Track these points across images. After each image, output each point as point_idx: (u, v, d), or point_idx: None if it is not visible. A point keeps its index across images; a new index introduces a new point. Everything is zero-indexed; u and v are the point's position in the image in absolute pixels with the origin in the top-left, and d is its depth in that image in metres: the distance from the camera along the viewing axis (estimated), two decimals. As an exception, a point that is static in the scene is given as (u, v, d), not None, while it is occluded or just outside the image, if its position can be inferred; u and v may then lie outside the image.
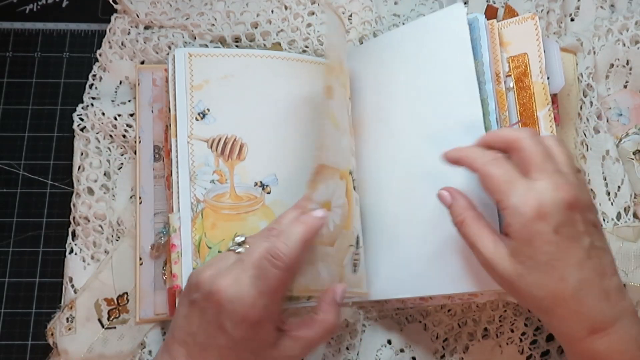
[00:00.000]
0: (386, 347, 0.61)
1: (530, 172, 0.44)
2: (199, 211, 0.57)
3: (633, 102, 0.64)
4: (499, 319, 0.60)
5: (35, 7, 0.72)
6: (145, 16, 0.67)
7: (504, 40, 0.59)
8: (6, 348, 0.62)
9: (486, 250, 0.45)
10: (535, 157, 0.44)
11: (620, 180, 0.60)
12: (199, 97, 0.59)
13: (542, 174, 0.43)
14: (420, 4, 0.69)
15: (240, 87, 0.61)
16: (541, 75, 0.57)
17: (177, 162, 0.58)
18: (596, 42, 0.64)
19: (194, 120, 0.59)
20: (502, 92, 0.57)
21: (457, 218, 0.47)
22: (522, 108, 0.58)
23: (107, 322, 0.60)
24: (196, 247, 0.56)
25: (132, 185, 0.64)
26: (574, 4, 0.67)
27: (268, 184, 0.59)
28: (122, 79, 0.67)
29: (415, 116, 0.58)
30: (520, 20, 0.59)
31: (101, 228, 0.62)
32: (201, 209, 0.57)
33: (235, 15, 0.67)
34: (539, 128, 0.57)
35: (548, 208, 0.42)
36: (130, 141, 0.64)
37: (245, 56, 0.62)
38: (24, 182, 0.66)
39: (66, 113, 0.67)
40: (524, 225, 0.42)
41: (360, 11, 0.67)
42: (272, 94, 0.61)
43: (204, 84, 0.60)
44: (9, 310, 0.63)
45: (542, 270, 0.42)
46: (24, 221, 0.65)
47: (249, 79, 0.61)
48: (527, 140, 0.45)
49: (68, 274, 0.61)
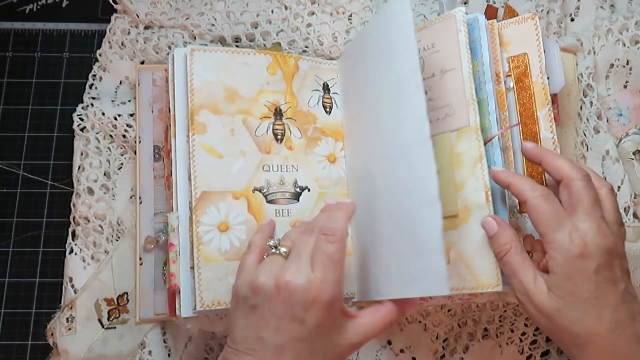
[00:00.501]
0: (386, 348, 0.61)
1: (577, 212, 0.47)
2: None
3: (633, 102, 0.64)
4: (499, 319, 0.60)
5: (35, 7, 0.72)
6: (145, 16, 0.67)
7: (504, 40, 0.59)
8: (6, 348, 0.62)
9: (527, 281, 0.47)
10: (585, 202, 0.47)
11: (620, 180, 0.60)
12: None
13: (589, 217, 0.46)
14: (420, 3, 0.69)
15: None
16: (541, 75, 0.57)
17: (176, 161, 0.58)
18: (596, 42, 0.64)
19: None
20: (502, 92, 0.57)
21: (501, 247, 0.49)
22: (522, 108, 0.58)
23: (107, 322, 0.60)
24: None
25: (132, 185, 0.64)
26: (574, 4, 0.67)
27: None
28: (122, 79, 0.67)
29: (374, 126, 0.58)
30: (521, 20, 0.59)
31: (101, 228, 0.62)
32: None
33: (235, 15, 0.67)
34: (538, 128, 0.57)
35: (592, 249, 0.45)
36: (130, 141, 0.64)
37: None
38: (24, 182, 0.66)
39: (66, 113, 0.67)
40: (568, 260, 0.45)
41: (360, 11, 0.67)
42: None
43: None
44: (9, 310, 0.63)
45: (580, 306, 0.45)
46: (24, 221, 0.65)
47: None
48: (580, 184, 0.47)
49: (68, 274, 0.61)
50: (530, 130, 0.57)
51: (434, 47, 0.58)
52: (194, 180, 0.57)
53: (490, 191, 0.53)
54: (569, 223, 0.46)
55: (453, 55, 0.57)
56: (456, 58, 0.56)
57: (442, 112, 0.57)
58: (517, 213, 0.55)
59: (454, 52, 0.57)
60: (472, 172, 0.54)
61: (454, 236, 0.55)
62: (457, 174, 0.55)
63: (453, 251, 0.55)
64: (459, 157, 0.55)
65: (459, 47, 0.56)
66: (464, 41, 0.56)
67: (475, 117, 0.55)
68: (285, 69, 0.62)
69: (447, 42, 0.57)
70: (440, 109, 0.57)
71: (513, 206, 0.55)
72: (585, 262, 0.45)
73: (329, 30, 0.67)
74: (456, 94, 0.56)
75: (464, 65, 0.56)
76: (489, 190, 0.53)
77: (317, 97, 0.63)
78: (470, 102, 0.55)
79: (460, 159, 0.55)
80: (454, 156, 0.55)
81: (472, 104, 0.55)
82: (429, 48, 0.59)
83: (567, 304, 0.45)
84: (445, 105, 0.57)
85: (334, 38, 0.67)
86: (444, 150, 0.56)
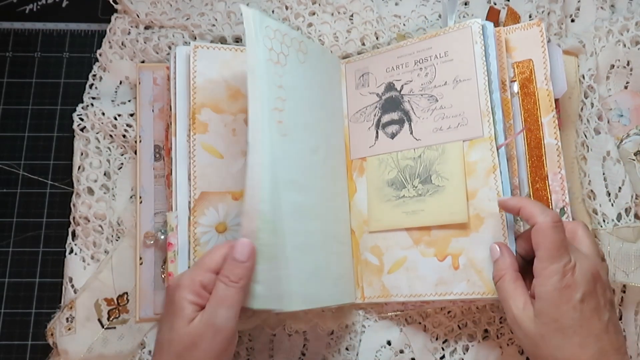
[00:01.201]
0: (386, 348, 0.61)
1: (557, 251, 0.48)
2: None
3: (634, 103, 0.64)
4: (499, 320, 0.60)
5: (35, 7, 0.72)
6: (146, 16, 0.67)
7: (509, 46, 0.59)
8: (6, 348, 0.62)
9: (516, 309, 0.48)
10: (562, 242, 0.48)
11: (621, 181, 0.60)
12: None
13: (575, 253, 0.48)
14: (421, 4, 0.69)
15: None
16: (546, 82, 0.58)
17: (176, 161, 0.58)
18: (597, 43, 0.64)
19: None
20: (507, 100, 0.57)
21: (498, 272, 0.51)
22: (527, 114, 0.58)
23: (107, 322, 0.60)
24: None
25: (132, 185, 0.64)
26: (574, 5, 0.67)
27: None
28: (122, 78, 0.67)
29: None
30: (526, 26, 0.59)
31: (101, 228, 0.62)
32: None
33: (236, 16, 0.67)
34: (543, 134, 0.57)
35: (579, 278, 0.46)
36: (130, 141, 0.64)
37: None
38: (24, 182, 0.66)
39: (66, 113, 0.67)
40: (556, 289, 0.46)
41: (362, 11, 0.67)
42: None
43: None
44: (9, 310, 0.63)
45: (564, 334, 0.46)
46: (24, 221, 0.65)
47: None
48: (549, 225, 0.48)
49: (68, 274, 0.61)
50: (534, 137, 0.57)
51: (447, 55, 0.59)
52: (193, 180, 0.57)
53: None
54: (567, 257, 0.47)
55: (468, 66, 0.57)
56: (471, 69, 0.57)
57: (454, 121, 0.57)
58: (520, 220, 0.56)
59: (469, 62, 0.57)
60: (485, 181, 0.55)
61: (464, 243, 0.55)
62: (469, 182, 0.55)
63: (463, 257, 0.55)
64: (471, 166, 0.56)
65: (474, 59, 0.57)
66: (479, 53, 0.57)
67: (490, 128, 0.55)
68: None
69: (462, 52, 0.58)
70: (453, 118, 0.58)
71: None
72: (571, 291, 0.46)
73: (330, 30, 0.67)
74: (470, 105, 0.57)
75: (479, 76, 0.56)
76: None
77: None
78: (485, 113, 0.56)
79: (473, 168, 0.56)
80: (465, 165, 0.56)
81: (487, 116, 0.56)
82: (441, 56, 0.59)
83: (551, 331, 0.46)
84: (458, 114, 0.57)
85: (335, 38, 0.67)
86: (453, 158, 0.56)
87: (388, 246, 0.59)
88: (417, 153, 0.59)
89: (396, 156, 0.60)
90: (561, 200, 0.56)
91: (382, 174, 0.60)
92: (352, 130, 0.63)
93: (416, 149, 0.59)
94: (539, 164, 0.57)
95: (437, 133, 0.58)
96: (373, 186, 0.61)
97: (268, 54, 0.54)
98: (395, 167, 0.60)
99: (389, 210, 0.59)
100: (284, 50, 0.56)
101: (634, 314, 0.59)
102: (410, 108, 0.60)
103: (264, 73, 0.53)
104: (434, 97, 0.59)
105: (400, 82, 0.61)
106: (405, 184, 0.59)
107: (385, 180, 0.60)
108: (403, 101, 0.61)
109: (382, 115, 0.62)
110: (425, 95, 0.60)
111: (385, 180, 0.60)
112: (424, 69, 0.60)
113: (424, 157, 0.58)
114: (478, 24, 0.57)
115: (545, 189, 0.56)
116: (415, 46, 0.61)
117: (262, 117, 0.52)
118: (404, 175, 0.59)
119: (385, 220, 0.59)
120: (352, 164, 0.63)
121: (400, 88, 0.61)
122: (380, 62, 0.63)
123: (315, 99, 0.60)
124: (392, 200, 0.59)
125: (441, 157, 0.57)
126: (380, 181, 0.60)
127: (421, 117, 0.59)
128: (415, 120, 0.60)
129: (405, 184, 0.59)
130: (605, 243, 0.59)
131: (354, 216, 0.62)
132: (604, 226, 0.60)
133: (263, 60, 0.54)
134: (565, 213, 0.56)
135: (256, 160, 0.50)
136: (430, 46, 0.60)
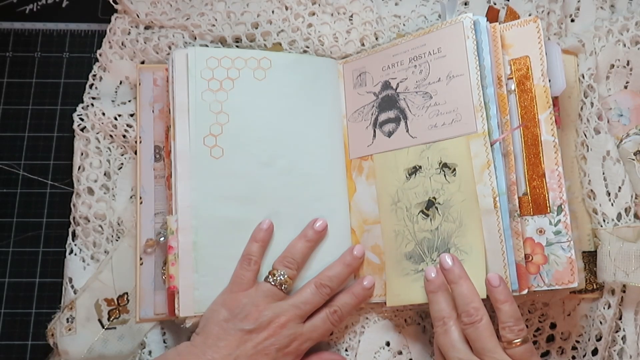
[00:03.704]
0: (384, 349, 0.61)
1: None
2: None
3: (633, 103, 0.63)
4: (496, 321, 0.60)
5: (35, 7, 0.72)
6: (146, 16, 0.67)
7: (506, 43, 0.59)
8: (6, 348, 0.62)
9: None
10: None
11: (621, 181, 0.60)
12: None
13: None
14: (421, 4, 0.69)
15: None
16: (543, 79, 0.57)
17: (176, 164, 0.58)
18: (596, 42, 0.64)
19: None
20: (503, 95, 0.57)
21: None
22: (524, 111, 0.58)
23: (107, 323, 0.60)
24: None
25: (132, 185, 0.64)
26: (574, 4, 0.67)
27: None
28: (122, 79, 0.67)
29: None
30: (523, 22, 0.59)
31: (101, 228, 0.62)
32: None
33: (236, 16, 0.67)
34: (540, 131, 0.57)
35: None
36: (130, 141, 0.64)
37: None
38: (24, 182, 0.66)
39: (66, 113, 0.67)
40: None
41: (361, 12, 0.67)
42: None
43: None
44: (9, 310, 0.63)
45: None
46: (24, 221, 0.65)
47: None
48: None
49: (68, 274, 0.61)
50: (531, 134, 0.57)
51: (440, 52, 0.58)
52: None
53: (498, 197, 0.54)
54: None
55: (460, 62, 0.57)
56: (463, 64, 0.57)
57: (448, 117, 0.57)
58: (517, 217, 0.55)
59: (461, 58, 0.57)
60: (480, 178, 0.54)
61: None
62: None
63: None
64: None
65: (467, 54, 0.57)
66: (471, 48, 0.56)
67: (483, 123, 0.55)
68: None
69: (454, 47, 0.57)
70: (447, 114, 0.57)
71: (514, 210, 0.55)
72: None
73: (330, 31, 0.67)
74: (463, 100, 0.56)
75: (472, 71, 0.56)
76: (497, 197, 0.54)
77: None
78: (478, 108, 0.55)
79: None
80: (470, 158, 0.55)
81: (480, 111, 0.55)
82: (434, 53, 0.59)
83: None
84: (452, 110, 0.57)
85: (335, 38, 0.67)
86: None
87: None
88: (434, 225, 0.57)
89: (412, 228, 0.58)
90: (558, 197, 0.55)
91: (400, 247, 0.59)
92: (350, 129, 0.63)
93: (432, 221, 0.58)
94: (536, 161, 0.57)
95: (432, 130, 0.58)
96: (391, 259, 0.59)
97: (207, 85, 0.59)
98: (412, 239, 0.58)
99: (408, 284, 0.57)
100: (231, 74, 0.60)
101: (634, 314, 0.59)
102: (406, 106, 0.60)
103: (198, 105, 0.58)
104: (429, 94, 0.59)
105: (396, 80, 0.61)
106: (423, 257, 0.57)
107: (403, 253, 0.58)
108: (399, 99, 0.61)
109: (379, 114, 0.62)
110: (420, 92, 0.59)
111: (403, 253, 0.58)
112: (418, 66, 0.60)
113: (441, 229, 0.57)
114: (470, 19, 0.57)
115: (542, 187, 0.56)
116: (410, 44, 0.61)
117: (189, 148, 0.58)
118: (422, 248, 0.58)
119: (403, 295, 0.58)
120: (352, 163, 0.63)
121: (396, 86, 0.61)
122: (376, 61, 0.63)
123: (284, 110, 0.61)
124: (410, 275, 0.57)
125: (459, 229, 0.56)
126: (398, 254, 0.59)
127: (417, 115, 0.59)
128: (411, 118, 0.60)
129: (423, 257, 0.57)
130: (605, 243, 0.59)
131: (354, 216, 0.62)
132: (604, 226, 0.59)
133: (198, 93, 0.58)
134: (563, 210, 0.55)
135: (185, 186, 0.57)
136: (424, 43, 0.60)
